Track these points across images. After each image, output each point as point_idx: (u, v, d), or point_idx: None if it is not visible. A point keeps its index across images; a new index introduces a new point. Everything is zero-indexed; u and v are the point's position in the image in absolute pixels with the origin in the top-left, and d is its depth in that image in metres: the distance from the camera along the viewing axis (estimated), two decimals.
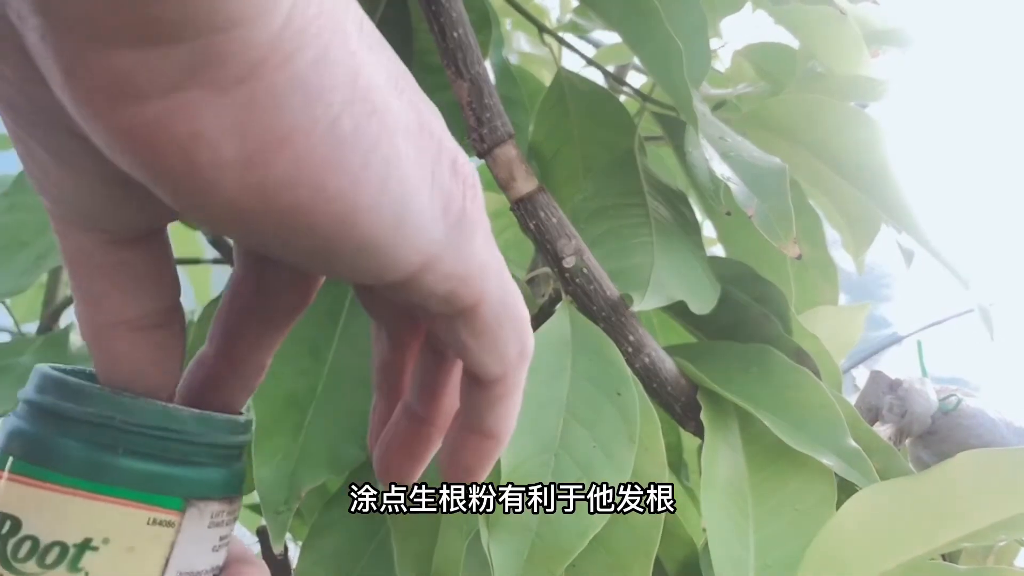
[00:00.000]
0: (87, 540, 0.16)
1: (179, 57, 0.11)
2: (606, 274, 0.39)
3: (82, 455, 0.16)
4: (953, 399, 0.53)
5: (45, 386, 0.16)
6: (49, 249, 0.42)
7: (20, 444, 0.16)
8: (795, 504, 0.38)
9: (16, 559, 0.16)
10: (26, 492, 0.16)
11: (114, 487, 0.16)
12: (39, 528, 0.16)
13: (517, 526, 0.32)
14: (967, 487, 0.35)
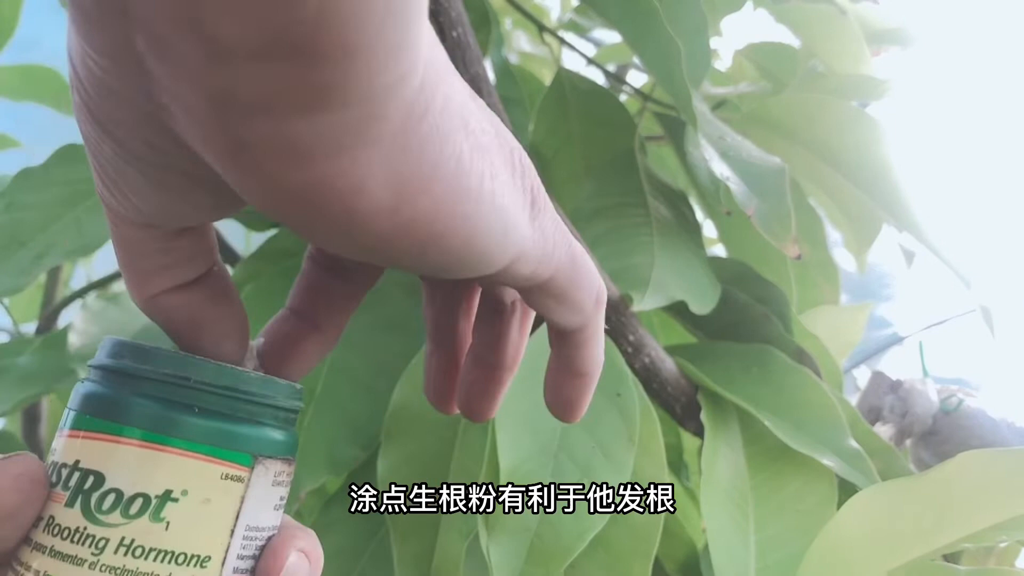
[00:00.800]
0: (168, 492, 0.17)
1: (346, 120, 0.12)
2: (606, 274, 0.39)
3: (160, 413, 0.17)
4: (954, 400, 0.53)
5: (122, 351, 0.18)
6: (48, 248, 0.42)
7: (99, 405, 0.17)
8: (796, 505, 0.38)
9: (100, 511, 0.17)
10: (108, 448, 0.17)
11: (191, 442, 0.17)
12: (122, 482, 0.17)
13: (516, 527, 0.32)
14: (968, 488, 0.35)
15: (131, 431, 0.17)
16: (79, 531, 0.17)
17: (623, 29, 0.45)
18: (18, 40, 0.61)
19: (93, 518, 0.17)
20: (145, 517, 0.17)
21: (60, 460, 0.17)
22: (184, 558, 0.17)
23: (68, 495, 0.17)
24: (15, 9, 0.57)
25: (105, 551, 0.17)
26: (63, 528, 0.17)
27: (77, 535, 0.17)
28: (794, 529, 0.37)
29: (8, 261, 0.42)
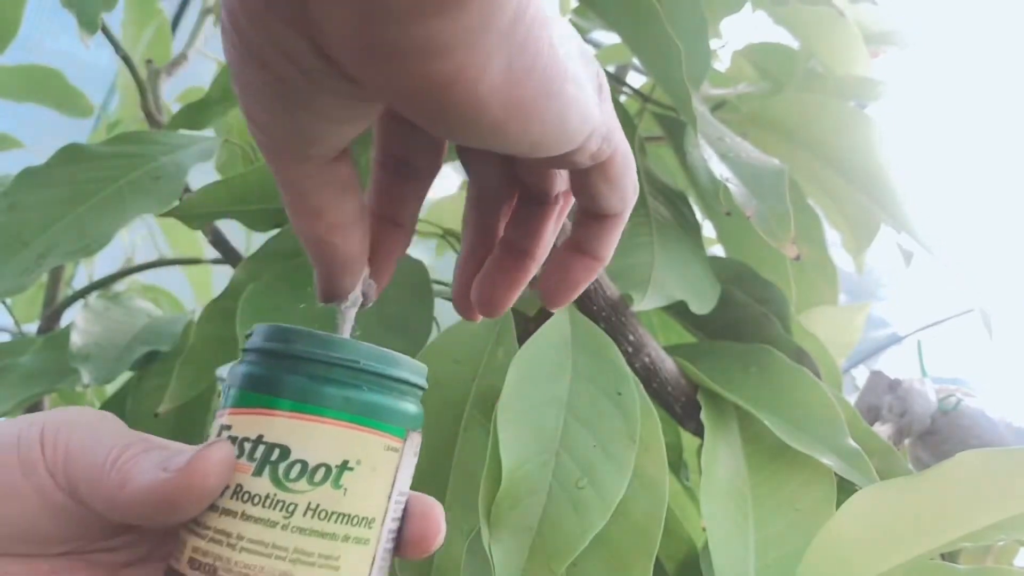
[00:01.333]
0: (345, 462, 0.20)
1: (473, 17, 0.14)
2: (606, 274, 0.39)
3: (338, 392, 0.19)
4: (953, 399, 0.53)
5: (296, 337, 0.20)
6: (50, 249, 0.42)
7: (279, 386, 0.19)
8: (795, 504, 0.38)
9: (288, 480, 0.19)
10: (290, 425, 0.19)
11: (363, 418, 0.20)
12: (306, 453, 0.19)
13: (518, 525, 0.32)
14: (966, 487, 0.35)
15: (313, 409, 0.19)
16: (269, 497, 0.19)
17: (622, 30, 0.45)
18: (20, 41, 0.61)
19: (282, 486, 0.19)
20: (327, 484, 0.19)
21: (240, 435, 0.19)
22: (356, 520, 0.20)
23: (255, 466, 0.19)
24: (17, 10, 0.57)
25: (295, 515, 0.19)
26: (253, 495, 0.19)
27: (268, 501, 0.19)
28: (793, 528, 0.37)
29: (10, 261, 0.42)
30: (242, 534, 0.19)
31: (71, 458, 0.20)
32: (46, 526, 0.20)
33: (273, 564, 0.19)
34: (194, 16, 0.87)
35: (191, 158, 0.49)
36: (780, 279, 0.50)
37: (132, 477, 0.19)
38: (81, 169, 0.47)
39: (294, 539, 0.19)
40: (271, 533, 0.19)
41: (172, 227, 0.86)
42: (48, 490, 0.20)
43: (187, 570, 0.20)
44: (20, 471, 0.20)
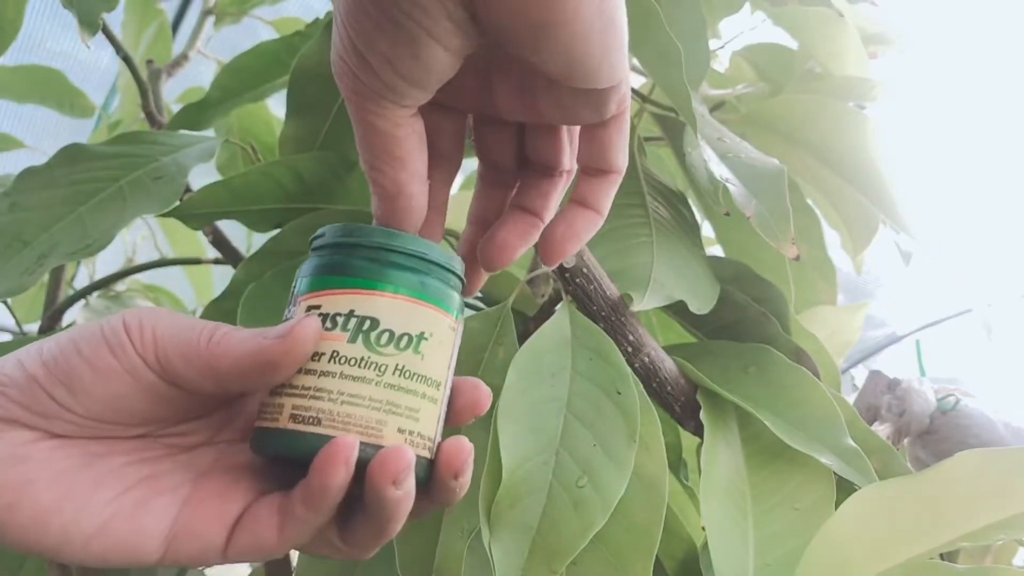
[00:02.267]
0: (422, 333, 0.24)
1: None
2: (606, 274, 0.40)
3: (415, 278, 0.24)
4: (951, 399, 0.53)
5: (378, 233, 0.24)
6: (51, 249, 0.43)
7: (365, 272, 0.24)
8: (794, 503, 0.38)
9: (379, 345, 0.23)
10: (380, 301, 0.24)
11: (433, 299, 0.24)
12: (392, 324, 0.24)
13: (518, 524, 0.32)
14: (966, 487, 0.35)
15: (395, 289, 0.24)
16: (363, 359, 0.23)
17: None
18: (21, 42, 0.61)
19: (373, 350, 0.23)
20: (410, 350, 0.24)
21: (331, 311, 0.24)
22: (430, 382, 0.24)
23: (349, 334, 0.23)
24: (19, 11, 0.58)
25: (385, 373, 0.23)
26: (349, 358, 0.23)
27: (363, 362, 0.23)
28: (793, 527, 0.37)
29: (11, 261, 0.43)
30: (342, 390, 0.23)
31: (161, 340, 0.23)
32: (131, 406, 0.23)
33: (369, 413, 0.23)
34: (195, 16, 0.87)
35: (192, 158, 0.49)
36: (779, 279, 0.50)
37: (232, 346, 0.23)
38: (82, 169, 0.47)
39: (386, 393, 0.23)
40: (367, 388, 0.23)
41: (173, 227, 0.87)
42: (139, 370, 0.23)
43: (289, 424, 0.23)
44: (111, 355, 0.23)
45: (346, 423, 0.23)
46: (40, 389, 0.23)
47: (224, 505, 0.24)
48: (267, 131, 0.77)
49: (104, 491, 0.23)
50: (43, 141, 1.11)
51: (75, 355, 0.23)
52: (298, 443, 0.23)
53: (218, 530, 0.24)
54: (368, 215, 0.48)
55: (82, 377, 0.23)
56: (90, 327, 0.24)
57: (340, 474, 0.22)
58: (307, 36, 0.64)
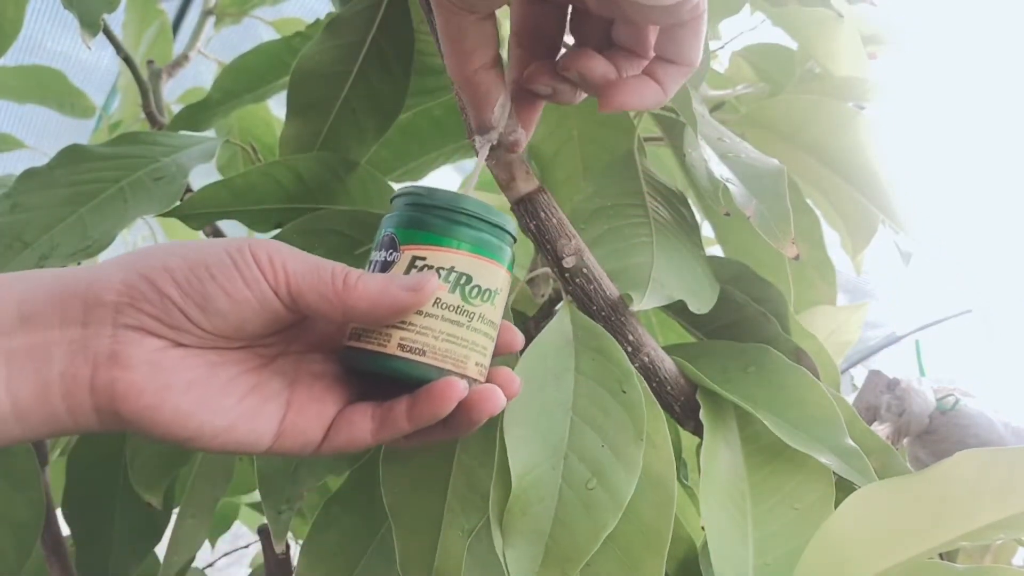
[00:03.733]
0: (497, 289, 0.30)
1: None
2: (606, 274, 0.40)
3: (495, 244, 0.30)
4: (951, 399, 0.53)
5: (473, 204, 0.30)
6: (52, 249, 0.43)
7: (463, 235, 0.29)
8: (793, 503, 0.38)
9: (471, 296, 0.29)
10: (471, 261, 0.29)
11: (502, 260, 0.30)
12: (481, 281, 0.29)
13: (530, 530, 0.32)
14: (966, 486, 0.35)
15: (484, 252, 0.30)
16: (458, 307, 0.29)
17: None
18: (21, 42, 0.61)
19: (467, 300, 0.29)
20: (489, 302, 0.30)
21: (436, 264, 0.29)
22: (494, 325, 0.31)
23: (449, 286, 0.29)
24: (19, 11, 0.58)
25: (473, 320, 0.29)
26: (449, 306, 0.29)
27: (458, 310, 0.29)
28: (792, 527, 0.37)
29: (12, 261, 0.43)
30: (442, 330, 0.29)
31: (292, 276, 0.27)
32: (251, 326, 0.28)
33: (460, 350, 0.29)
34: (195, 17, 0.88)
35: (193, 159, 0.49)
36: (779, 279, 0.50)
37: (369, 291, 0.27)
38: (83, 170, 0.47)
39: (471, 335, 0.29)
40: (460, 330, 0.29)
41: (173, 227, 0.87)
42: (269, 300, 0.27)
43: (398, 351, 0.28)
44: (244, 286, 0.27)
45: (444, 356, 0.29)
46: (174, 306, 0.26)
47: (322, 408, 0.29)
48: (267, 131, 0.77)
49: (228, 398, 0.28)
50: (43, 142, 1.11)
51: (209, 280, 0.26)
52: (405, 368, 0.28)
53: (317, 429, 0.29)
54: (368, 215, 0.48)
55: (217, 301, 0.26)
56: (214, 250, 0.27)
57: (450, 406, 0.28)
58: (307, 37, 0.65)
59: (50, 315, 0.25)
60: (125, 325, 0.26)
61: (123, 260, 0.27)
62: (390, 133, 0.51)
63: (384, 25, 0.49)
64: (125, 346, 0.25)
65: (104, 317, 0.26)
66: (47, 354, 0.25)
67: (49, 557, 0.61)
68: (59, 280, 0.26)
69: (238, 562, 1.01)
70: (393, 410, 0.29)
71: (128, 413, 0.26)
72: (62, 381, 0.25)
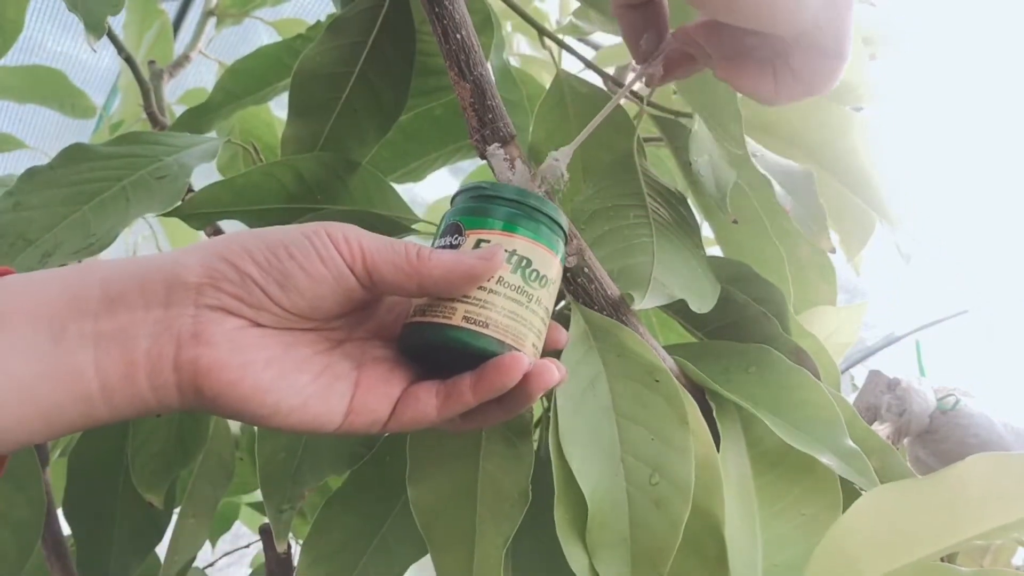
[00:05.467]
0: (552, 278, 0.32)
1: None
2: (606, 274, 0.40)
3: (551, 235, 0.32)
4: (951, 399, 0.54)
5: (534, 198, 0.32)
6: (54, 247, 0.43)
7: (524, 223, 0.31)
8: (800, 509, 0.38)
9: (530, 279, 0.31)
10: (532, 247, 0.31)
11: (557, 251, 0.32)
12: (540, 267, 0.31)
13: (612, 541, 0.32)
14: (974, 491, 0.35)
15: (544, 241, 0.32)
16: (519, 287, 0.31)
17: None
18: (22, 43, 0.61)
19: (527, 282, 0.31)
20: (546, 288, 0.31)
21: (500, 245, 0.30)
22: (548, 311, 0.32)
23: (511, 267, 0.31)
24: (20, 11, 0.58)
25: (531, 301, 0.31)
26: (510, 285, 0.30)
27: (518, 290, 0.31)
28: (800, 531, 0.37)
29: (15, 260, 0.43)
30: (504, 307, 0.30)
31: (369, 252, 0.29)
32: (325, 304, 0.29)
33: (517, 326, 0.30)
34: (196, 17, 0.88)
35: (194, 158, 0.49)
36: (779, 279, 0.50)
37: (444, 261, 0.29)
38: (85, 169, 0.47)
39: (530, 316, 0.31)
40: (520, 308, 0.30)
41: (174, 227, 0.87)
42: (345, 277, 0.28)
43: (463, 323, 0.30)
44: (321, 264, 0.28)
45: (505, 331, 0.30)
46: (255, 285, 0.27)
47: (388, 388, 0.30)
48: (268, 131, 0.77)
49: (303, 376, 0.28)
50: (44, 142, 1.11)
51: (288, 259, 0.27)
52: (469, 338, 0.30)
53: (385, 406, 0.30)
54: (369, 215, 0.48)
55: (296, 279, 0.28)
56: (292, 233, 0.28)
57: (516, 378, 0.29)
58: (308, 39, 0.65)
59: (134, 298, 0.26)
60: (206, 305, 0.27)
61: (202, 246, 0.28)
62: (391, 134, 0.51)
63: (385, 26, 0.49)
64: (207, 325, 0.26)
65: (186, 298, 0.26)
66: (132, 335, 0.26)
67: (50, 557, 0.61)
68: (141, 265, 0.27)
69: (239, 562, 1.00)
70: (458, 385, 0.29)
71: (210, 389, 0.26)
72: (147, 360, 0.26)
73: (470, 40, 0.39)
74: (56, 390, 0.25)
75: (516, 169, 0.38)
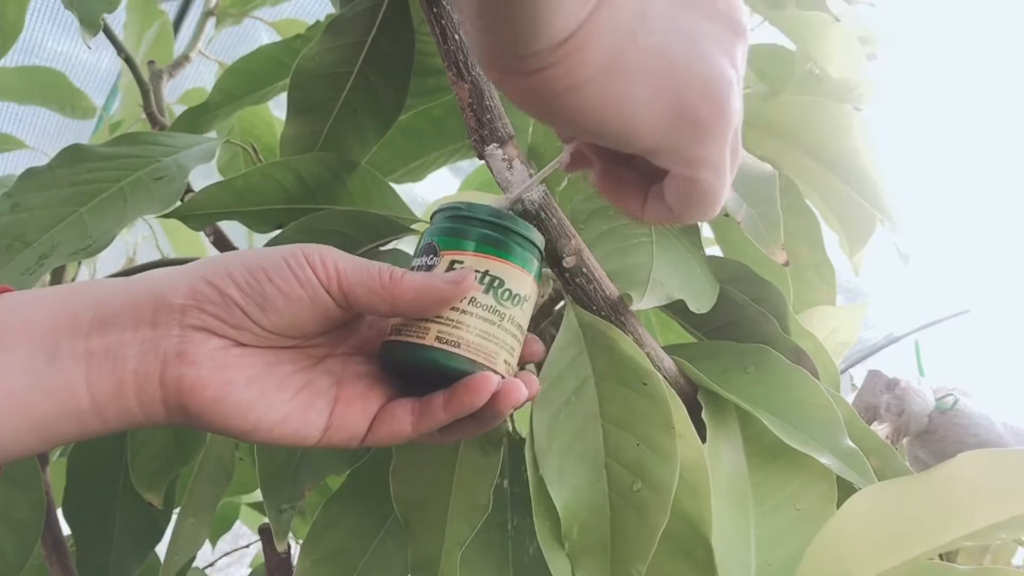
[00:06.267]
0: (526, 295, 0.32)
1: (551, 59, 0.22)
2: (605, 274, 0.40)
3: (527, 255, 0.32)
4: (950, 398, 0.54)
5: (510, 219, 0.32)
6: (52, 248, 0.43)
7: (499, 244, 0.32)
8: (795, 504, 0.38)
9: (503, 299, 0.31)
10: (504, 267, 0.32)
11: (530, 269, 0.33)
12: (512, 286, 0.32)
13: (591, 546, 0.33)
14: (969, 488, 0.35)
15: (517, 261, 0.32)
16: (491, 307, 0.31)
17: None
18: (22, 43, 0.61)
19: (499, 302, 0.31)
20: (519, 307, 0.32)
21: (472, 267, 0.31)
22: (522, 330, 0.32)
23: (483, 287, 0.31)
24: (20, 12, 0.58)
25: (504, 320, 0.31)
26: (483, 305, 0.31)
27: (491, 310, 0.31)
28: (794, 527, 0.37)
29: (12, 261, 0.43)
30: (475, 326, 0.31)
31: (343, 273, 0.29)
32: (303, 323, 0.30)
33: (490, 346, 0.31)
34: (196, 17, 0.88)
35: (193, 159, 0.49)
36: (778, 279, 0.50)
37: (415, 284, 0.30)
38: (83, 170, 0.47)
39: (502, 334, 0.31)
40: (492, 328, 0.31)
41: (174, 228, 0.87)
42: (321, 297, 0.29)
43: (435, 343, 0.30)
44: (299, 285, 0.29)
45: (477, 350, 0.30)
46: (236, 306, 0.28)
47: (366, 405, 0.31)
48: (268, 132, 0.77)
49: (283, 393, 0.30)
50: (44, 142, 1.12)
51: (267, 282, 0.29)
52: (442, 358, 0.30)
53: (362, 423, 0.31)
54: (369, 216, 0.48)
55: (275, 300, 0.29)
56: (271, 256, 0.29)
57: (485, 397, 0.30)
58: (308, 39, 0.65)
59: (125, 318, 0.27)
60: (191, 326, 0.28)
61: (187, 269, 0.29)
62: (391, 133, 0.51)
63: (384, 26, 0.49)
64: (191, 345, 0.28)
65: (172, 319, 0.28)
66: (121, 353, 0.27)
67: (49, 557, 0.61)
68: (133, 286, 0.28)
69: (239, 562, 1.01)
70: (431, 403, 0.30)
71: (194, 406, 0.28)
72: (135, 378, 0.27)
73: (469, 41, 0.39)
74: (50, 405, 0.26)
75: (514, 169, 0.38)
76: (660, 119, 0.24)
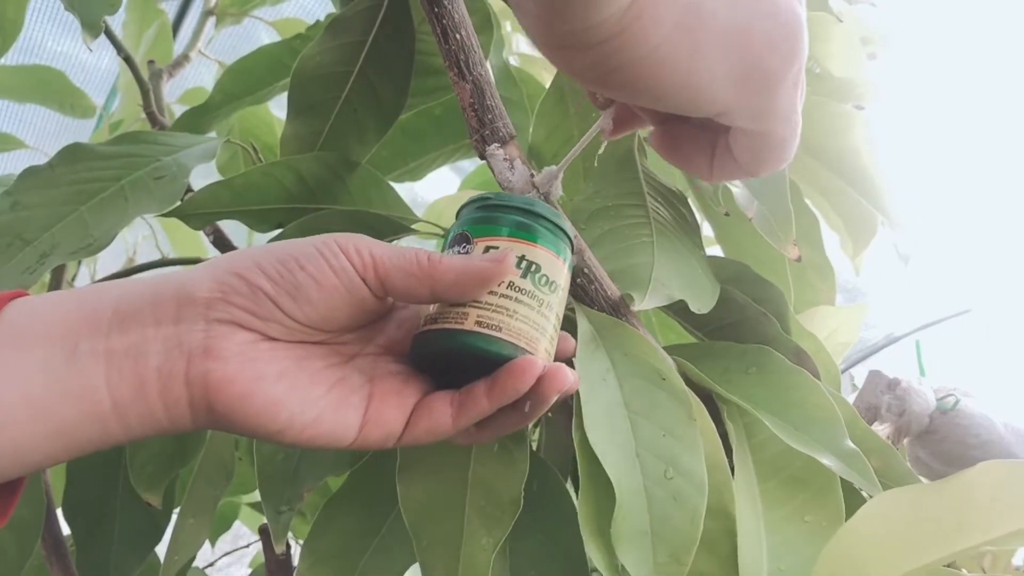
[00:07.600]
0: (561, 284, 0.32)
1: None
2: (606, 274, 0.40)
3: (561, 243, 0.32)
4: (951, 399, 0.53)
5: (544, 208, 0.32)
6: (52, 248, 0.43)
7: (536, 231, 0.31)
8: (803, 516, 0.38)
9: (540, 284, 0.31)
10: (541, 254, 0.31)
11: (563, 255, 0.32)
12: (549, 272, 0.31)
13: (633, 534, 0.32)
14: (986, 497, 0.34)
15: (553, 249, 0.32)
16: (528, 291, 0.30)
17: None
18: (22, 43, 0.61)
19: (537, 287, 0.31)
20: (555, 293, 0.31)
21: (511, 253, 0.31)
22: (557, 316, 0.32)
23: (521, 272, 0.31)
24: (20, 11, 0.58)
25: (542, 305, 0.31)
26: (520, 289, 0.30)
27: (529, 295, 0.30)
28: (803, 538, 0.37)
29: (13, 260, 0.43)
30: (516, 310, 0.30)
31: (380, 260, 0.28)
32: (337, 315, 0.28)
33: (529, 330, 0.30)
34: (195, 17, 0.88)
35: (193, 158, 0.49)
36: (778, 280, 0.50)
37: (455, 265, 0.29)
38: (83, 168, 0.47)
39: (539, 318, 0.30)
40: (532, 313, 0.30)
41: (174, 227, 0.87)
42: (357, 287, 0.28)
43: (475, 327, 0.29)
44: (333, 274, 0.28)
45: (518, 335, 0.30)
46: (266, 297, 0.27)
47: (401, 401, 0.30)
48: (268, 131, 0.77)
49: (317, 388, 0.28)
50: (44, 142, 1.12)
51: (300, 271, 0.27)
52: (483, 343, 0.29)
53: (399, 420, 0.29)
54: (369, 215, 0.48)
55: (308, 290, 0.27)
56: (302, 246, 0.28)
57: (530, 381, 0.28)
58: (308, 39, 0.65)
59: (145, 315, 0.26)
60: (217, 320, 0.26)
61: (212, 263, 0.28)
62: (391, 133, 0.51)
63: (385, 25, 0.49)
64: (217, 339, 0.26)
65: (196, 313, 0.26)
66: (143, 351, 0.26)
67: (50, 557, 0.61)
68: (154, 283, 0.27)
69: (239, 562, 1.01)
70: (472, 392, 0.29)
71: (221, 404, 0.26)
72: (158, 377, 0.26)
73: (469, 40, 0.39)
74: (68, 408, 0.25)
75: (515, 169, 0.38)
76: (729, 79, 0.24)
